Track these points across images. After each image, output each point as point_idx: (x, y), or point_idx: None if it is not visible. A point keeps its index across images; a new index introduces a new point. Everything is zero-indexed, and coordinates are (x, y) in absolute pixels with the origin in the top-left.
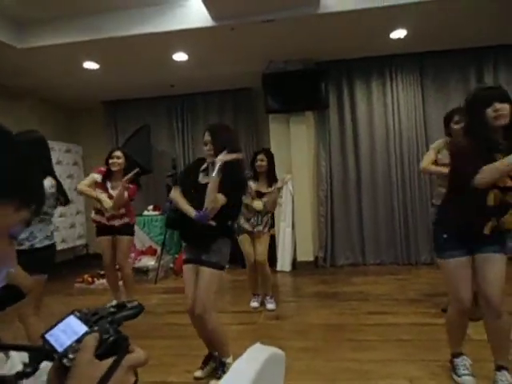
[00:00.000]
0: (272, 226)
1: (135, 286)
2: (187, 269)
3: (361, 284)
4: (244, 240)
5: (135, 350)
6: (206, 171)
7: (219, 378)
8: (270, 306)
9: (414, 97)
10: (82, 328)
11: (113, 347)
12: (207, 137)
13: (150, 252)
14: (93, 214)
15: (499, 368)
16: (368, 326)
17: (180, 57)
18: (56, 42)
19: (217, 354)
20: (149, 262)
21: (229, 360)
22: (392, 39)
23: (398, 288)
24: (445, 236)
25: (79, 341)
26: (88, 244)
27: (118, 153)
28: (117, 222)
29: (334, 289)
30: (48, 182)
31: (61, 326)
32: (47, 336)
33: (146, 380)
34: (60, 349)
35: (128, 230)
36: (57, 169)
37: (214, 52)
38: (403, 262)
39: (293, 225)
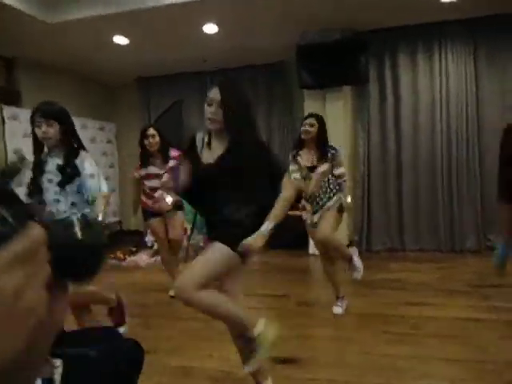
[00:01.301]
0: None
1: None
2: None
3: (398, 271)
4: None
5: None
6: (205, 144)
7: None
8: (337, 309)
9: (465, 69)
10: None
11: None
12: (215, 94)
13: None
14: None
15: None
16: (405, 317)
17: (211, 29)
18: (85, 15)
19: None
20: None
21: (255, 332)
22: (443, 2)
23: (440, 277)
24: None
25: None
26: (121, 221)
27: (152, 131)
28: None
29: (369, 276)
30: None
31: None
32: None
33: (168, 364)
34: None
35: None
36: (91, 147)
37: (245, 22)
38: (446, 248)
39: None
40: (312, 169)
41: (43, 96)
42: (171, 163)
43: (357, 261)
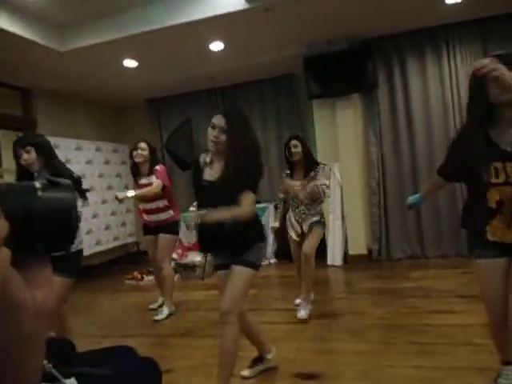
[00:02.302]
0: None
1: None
2: (219, 277)
3: (421, 279)
4: (291, 243)
5: None
6: (208, 164)
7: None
8: (301, 312)
9: None
10: None
11: None
12: (219, 122)
13: (197, 248)
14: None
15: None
16: (432, 326)
17: (217, 46)
18: (95, 41)
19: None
20: (195, 257)
21: (269, 356)
22: (448, 4)
23: (465, 283)
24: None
25: None
26: (138, 241)
27: (143, 144)
28: (156, 218)
29: (390, 284)
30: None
31: None
32: None
33: (181, 382)
34: None
35: (169, 228)
36: (105, 168)
37: (250, 38)
38: (469, 253)
39: (342, 216)
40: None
41: (58, 123)
42: (153, 178)
43: (306, 305)
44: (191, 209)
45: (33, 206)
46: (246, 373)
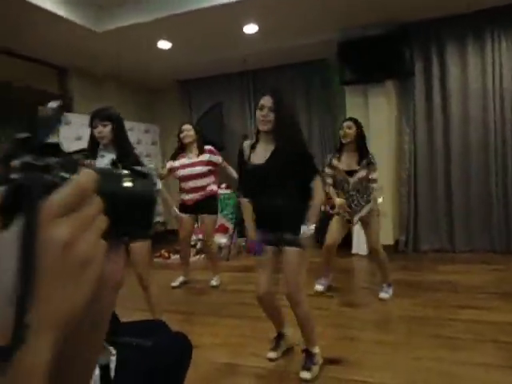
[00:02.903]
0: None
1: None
2: (267, 252)
3: (449, 273)
4: (335, 221)
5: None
6: (256, 146)
7: (309, 369)
8: (384, 294)
9: None
10: None
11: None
12: (267, 101)
13: (222, 229)
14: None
15: None
16: (458, 321)
17: (251, 29)
18: (131, 22)
19: (305, 344)
20: (221, 239)
21: (316, 350)
22: None
23: (495, 280)
24: None
25: None
26: (166, 221)
27: (187, 126)
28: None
29: (416, 277)
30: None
31: None
32: None
33: (210, 360)
34: None
35: (211, 207)
36: (137, 148)
37: (285, 20)
38: (501, 249)
39: None
40: (350, 173)
41: (92, 102)
42: (206, 157)
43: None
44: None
45: (120, 188)
46: (272, 355)
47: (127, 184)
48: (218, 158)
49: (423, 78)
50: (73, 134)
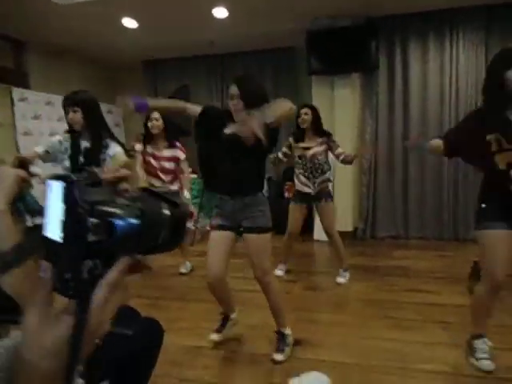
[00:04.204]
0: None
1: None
2: (219, 235)
3: (402, 258)
4: (294, 209)
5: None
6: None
7: (282, 351)
8: (340, 279)
9: (477, 57)
10: None
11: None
12: (234, 90)
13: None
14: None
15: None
16: (409, 304)
17: (220, 12)
18: None
19: (276, 326)
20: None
21: (287, 331)
22: None
23: (443, 265)
24: (483, 206)
25: None
26: None
27: (156, 114)
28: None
29: (373, 262)
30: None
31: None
32: None
33: (177, 343)
34: None
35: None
36: None
37: (255, 6)
38: (449, 237)
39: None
40: (308, 149)
41: (50, 78)
42: (176, 152)
43: (346, 274)
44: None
45: (161, 225)
46: (215, 337)
47: (165, 213)
48: (182, 155)
49: (386, 72)
50: (29, 111)
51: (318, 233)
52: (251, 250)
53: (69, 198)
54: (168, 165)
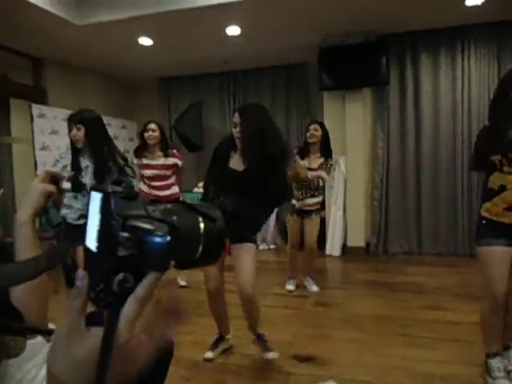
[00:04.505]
0: (323, 208)
1: None
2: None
3: (416, 275)
4: (291, 222)
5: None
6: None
7: (271, 350)
8: (314, 288)
9: (489, 72)
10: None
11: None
12: (236, 118)
13: None
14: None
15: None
16: (423, 321)
17: (233, 31)
18: (112, 17)
19: (252, 333)
20: None
21: (260, 330)
22: (467, 6)
23: (458, 282)
24: (483, 222)
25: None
26: None
27: (153, 125)
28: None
29: (385, 278)
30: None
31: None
32: None
33: (189, 357)
34: None
35: None
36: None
37: (268, 25)
38: (464, 253)
39: (344, 208)
40: (310, 169)
41: (68, 95)
42: (172, 161)
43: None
44: (195, 190)
45: (197, 239)
46: (209, 354)
47: (201, 232)
48: (179, 162)
49: (398, 87)
50: (47, 127)
51: (330, 248)
52: (239, 262)
53: (104, 210)
54: (165, 172)
